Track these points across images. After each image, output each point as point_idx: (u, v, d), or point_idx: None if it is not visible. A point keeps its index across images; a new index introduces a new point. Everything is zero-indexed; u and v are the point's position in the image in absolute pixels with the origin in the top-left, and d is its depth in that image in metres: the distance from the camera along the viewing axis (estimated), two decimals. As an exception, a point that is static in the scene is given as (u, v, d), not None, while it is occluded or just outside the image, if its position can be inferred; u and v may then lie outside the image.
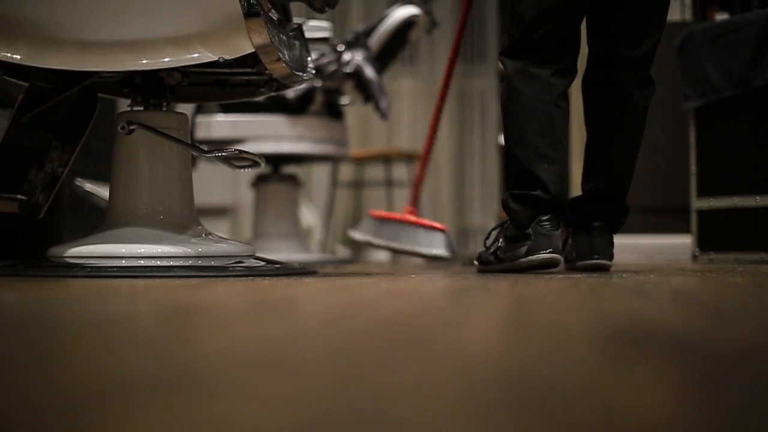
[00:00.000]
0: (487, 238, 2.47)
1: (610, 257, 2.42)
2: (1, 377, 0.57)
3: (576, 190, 2.75)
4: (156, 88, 2.21)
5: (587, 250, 2.40)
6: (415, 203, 3.44)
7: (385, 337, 0.79)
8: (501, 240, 2.37)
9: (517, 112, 2.33)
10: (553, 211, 2.29)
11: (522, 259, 2.28)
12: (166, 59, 1.98)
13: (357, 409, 0.45)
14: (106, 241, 2.08)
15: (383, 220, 3.34)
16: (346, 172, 5.93)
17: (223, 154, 2.25)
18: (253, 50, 1.95)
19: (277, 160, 4.27)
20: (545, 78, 2.31)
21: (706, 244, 3.76)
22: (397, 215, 3.36)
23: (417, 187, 3.49)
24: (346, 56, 3.90)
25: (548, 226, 2.27)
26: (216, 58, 1.96)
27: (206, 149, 2.37)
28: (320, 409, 0.45)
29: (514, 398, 0.48)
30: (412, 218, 3.31)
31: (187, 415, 0.43)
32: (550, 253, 2.25)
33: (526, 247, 2.27)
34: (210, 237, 2.19)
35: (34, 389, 0.51)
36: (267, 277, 2.00)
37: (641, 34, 2.38)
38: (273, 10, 2.06)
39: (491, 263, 2.40)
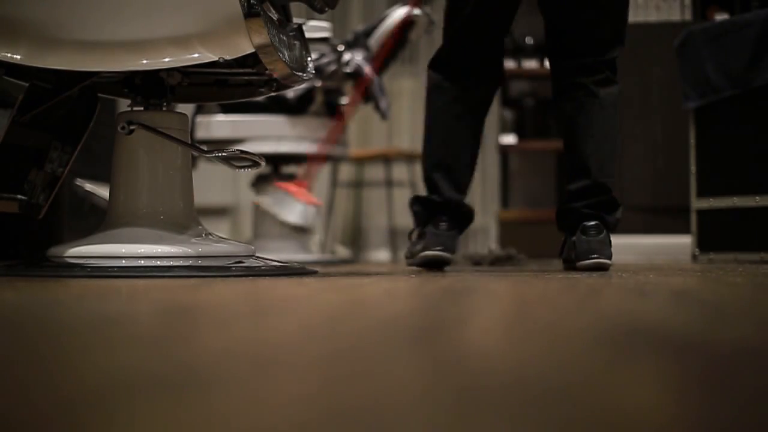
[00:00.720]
0: (410, 236, 2.65)
1: (609, 256, 2.44)
2: (2, 377, 0.57)
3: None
4: (156, 88, 2.21)
5: (585, 250, 2.42)
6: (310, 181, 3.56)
7: (385, 337, 0.79)
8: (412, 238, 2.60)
9: (427, 124, 2.63)
10: (448, 213, 2.51)
11: (418, 256, 2.49)
12: (166, 59, 1.98)
13: (357, 408, 0.45)
14: (106, 241, 2.08)
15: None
16: (346, 172, 5.93)
17: (223, 154, 2.25)
18: (253, 50, 1.95)
19: (277, 160, 4.27)
20: (454, 92, 2.54)
21: (705, 244, 3.76)
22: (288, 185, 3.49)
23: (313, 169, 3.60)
24: (346, 56, 3.90)
25: (442, 227, 2.48)
26: (216, 58, 1.96)
27: (206, 149, 2.37)
28: (320, 408, 0.45)
29: (514, 398, 0.48)
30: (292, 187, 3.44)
31: (187, 415, 0.43)
32: (438, 251, 2.45)
33: (422, 245, 2.49)
34: (210, 237, 2.19)
35: (35, 389, 0.51)
36: (267, 277, 2.00)
37: (598, 42, 2.49)
38: (273, 11, 2.06)
39: (407, 259, 2.62)
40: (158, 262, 2.03)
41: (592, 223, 2.45)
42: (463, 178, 2.56)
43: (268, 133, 3.97)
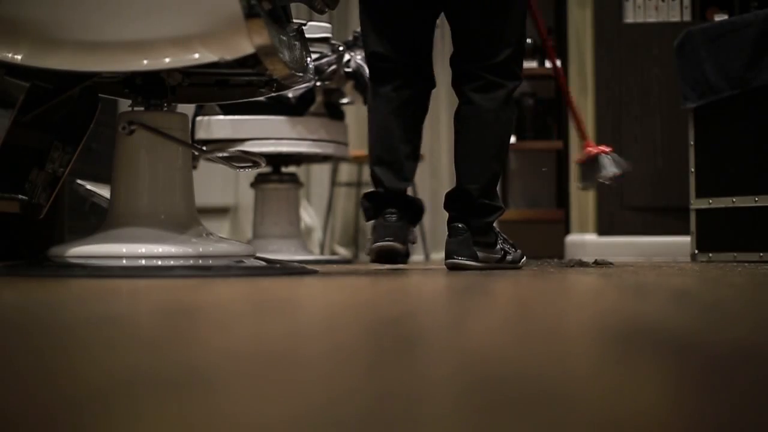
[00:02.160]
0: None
1: (469, 256, 2.59)
2: (3, 377, 0.57)
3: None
4: (157, 89, 2.21)
5: (447, 251, 2.60)
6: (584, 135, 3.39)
7: (385, 337, 0.79)
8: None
9: (368, 122, 2.75)
10: (394, 204, 2.62)
11: (370, 249, 2.61)
12: (167, 60, 1.98)
13: (357, 408, 0.45)
14: (107, 241, 2.09)
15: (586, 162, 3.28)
16: (346, 172, 5.92)
17: (224, 154, 2.25)
18: (254, 51, 1.95)
19: (277, 160, 4.27)
20: (385, 93, 2.69)
21: (704, 244, 3.76)
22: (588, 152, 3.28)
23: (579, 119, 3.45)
24: (346, 56, 3.90)
25: (389, 218, 2.59)
26: (216, 59, 1.96)
27: (206, 149, 2.37)
28: (320, 408, 0.45)
29: (514, 398, 0.48)
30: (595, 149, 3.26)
31: (188, 415, 0.43)
32: (388, 241, 2.56)
33: (373, 237, 2.61)
34: (210, 237, 2.19)
35: (36, 389, 0.51)
36: (267, 277, 2.00)
37: (474, 51, 2.65)
38: (273, 11, 2.06)
39: (367, 255, 2.75)
40: (159, 262, 2.03)
41: (456, 225, 2.61)
42: (405, 169, 2.66)
43: (268, 134, 3.97)
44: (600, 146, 3.27)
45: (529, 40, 5.78)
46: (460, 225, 2.61)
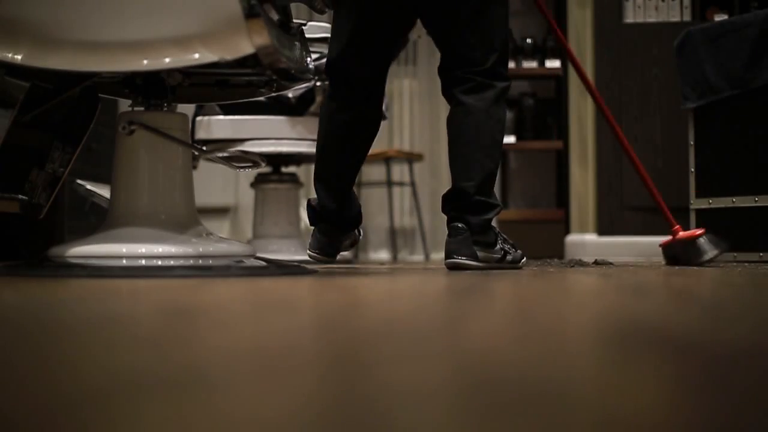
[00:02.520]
0: None
1: (469, 255, 2.63)
2: (3, 377, 0.57)
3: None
4: (157, 89, 2.21)
5: (447, 251, 2.64)
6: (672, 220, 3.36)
7: (385, 337, 0.80)
8: None
9: (318, 133, 2.84)
10: (326, 220, 2.78)
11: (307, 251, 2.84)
12: (167, 60, 1.98)
13: (357, 408, 0.45)
14: (107, 241, 2.09)
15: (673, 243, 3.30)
16: (345, 172, 5.92)
17: (224, 154, 2.25)
18: (254, 51, 1.95)
19: (277, 160, 4.27)
20: (329, 114, 2.78)
21: (705, 244, 3.76)
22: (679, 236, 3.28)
23: (662, 204, 3.42)
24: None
25: (321, 232, 2.79)
26: (216, 59, 1.96)
27: (206, 149, 2.37)
28: (320, 408, 0.45)
29: (513, 398, 0.48)
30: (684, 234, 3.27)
31: (188, 415, 0.44)
32: (315, 253, 2.78)
33: (309, 242, 2.83)
34: (210, 237, 2.19)
35: (36, 389, 0.51)
36: (267, 277, 2.00)
37: (462, 58, 2.69)
38: (273, 11, 2.06)
39: None
40: (159, 262, 2.03)
41: (456, 225, 2.65)
42: (338, 191, 2.79)
43: (268, 134, 3.97)
44: (693, 230, 3.27)
45: (529, 41, 5.78)
46: (459, 225, 2.64)
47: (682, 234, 3.26)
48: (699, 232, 3.21)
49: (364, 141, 2.81)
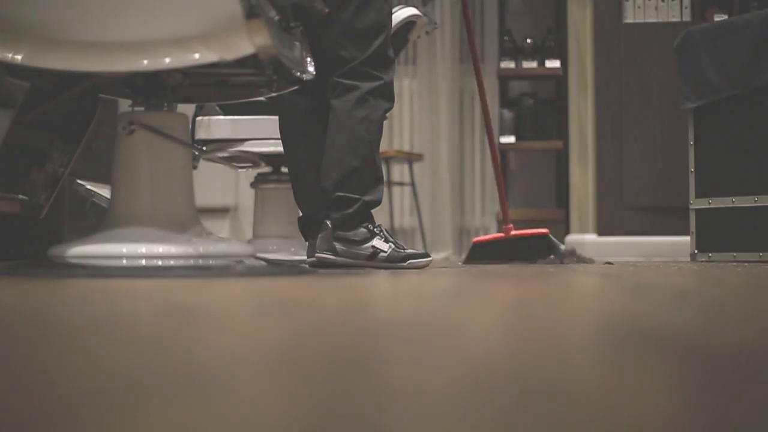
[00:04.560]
0: None
1: (328, 250, 2.75)
2: (3, 377, 0.57)
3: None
4: (157, 89, 2.21)
5: (312, 247, 2.76)
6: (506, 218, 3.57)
7: (385, 337, 0.80)
8: None
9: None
10: (316, 226, 2.79)
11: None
12: (167, 60, 1.98)
13: (357, 408, 0.45)
14: (107, 241, 2.09)
15: (485, 243, 3.50)
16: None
17: (224, 154, 2.25)
18: (254, 51, 1.95)
19: (277, 160, 4.27)
20: (280, 130, 2.96)
21: (704, 244, 3.77)
22: (497, 235, 3.52)
23: (504, 201, 3.63)
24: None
25: (314, 240, 2.78)
26: (217, 59, 1.96)
27: (206, 149, 2.37)
28: (320, 407, 0.45)
29: (514, 398, 0.48)
30: (512, 232, 3.47)
31: (188, 414, 0.44)
32: (314, 256, 2.74)
33: (306, 252, 2.84)
34: (210, 237, 2.19)
35: (36, 389, 0.51)
36: (267, 277, 2.00)
37: (329, 63, 2.77)
38: (273, 11, 2.06)
39: None
40: (159, 262, 2.03)
41: (324, 222, 2.77)
42: (315, 196, 2.82)
43: (268, 134, 3.97)
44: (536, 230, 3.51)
45: (529, 41, 5.78)
46: (326, 221, 2.75)
47: (517, 232, 3.46)
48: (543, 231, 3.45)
49: (314, 126, 2.93)
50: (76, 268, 2.02)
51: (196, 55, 1.97)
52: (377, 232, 2.77)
